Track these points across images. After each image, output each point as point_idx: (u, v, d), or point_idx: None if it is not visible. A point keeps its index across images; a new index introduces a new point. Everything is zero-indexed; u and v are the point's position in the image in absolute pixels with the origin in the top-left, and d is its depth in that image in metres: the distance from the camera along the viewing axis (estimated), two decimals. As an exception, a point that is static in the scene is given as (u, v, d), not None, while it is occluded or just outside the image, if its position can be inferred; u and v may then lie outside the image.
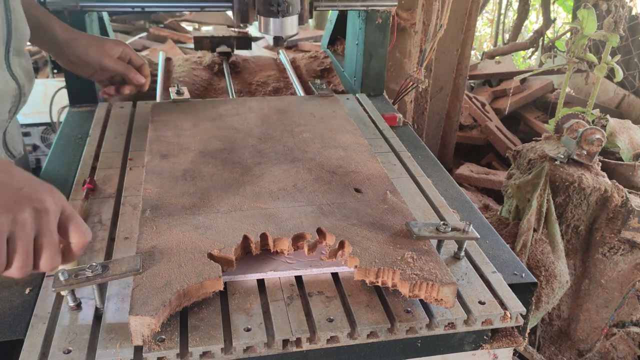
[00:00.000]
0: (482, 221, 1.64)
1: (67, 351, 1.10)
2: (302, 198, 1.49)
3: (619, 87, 4.88)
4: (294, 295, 1.25)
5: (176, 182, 1.55)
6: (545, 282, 2.51)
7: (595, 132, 2.48)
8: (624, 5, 3.31)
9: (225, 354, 1.12)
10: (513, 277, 1.41)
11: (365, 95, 2.44)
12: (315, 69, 3.02)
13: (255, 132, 1.87)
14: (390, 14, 2.43)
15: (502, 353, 1.38)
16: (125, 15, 5.62)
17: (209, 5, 2.29)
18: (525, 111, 5.21)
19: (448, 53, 4.06)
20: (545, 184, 2.56)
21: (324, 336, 1.16)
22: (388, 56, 2.54)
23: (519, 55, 6.81)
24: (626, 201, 2.54)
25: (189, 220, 1.37)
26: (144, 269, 1.18)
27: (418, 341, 1.28)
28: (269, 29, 1.98)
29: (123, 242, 1.42)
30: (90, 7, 2.17)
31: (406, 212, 1.45)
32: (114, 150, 1.88)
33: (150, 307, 1.09)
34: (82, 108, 2.27)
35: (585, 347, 2.83)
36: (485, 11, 7.86)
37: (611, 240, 2.60)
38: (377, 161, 1.72)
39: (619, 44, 3.41)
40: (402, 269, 1.21)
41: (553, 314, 2.86)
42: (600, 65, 3.30)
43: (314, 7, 2.20)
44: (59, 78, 2.81)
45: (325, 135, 1.86)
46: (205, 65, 2.96)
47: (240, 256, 1.31)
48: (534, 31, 5.71)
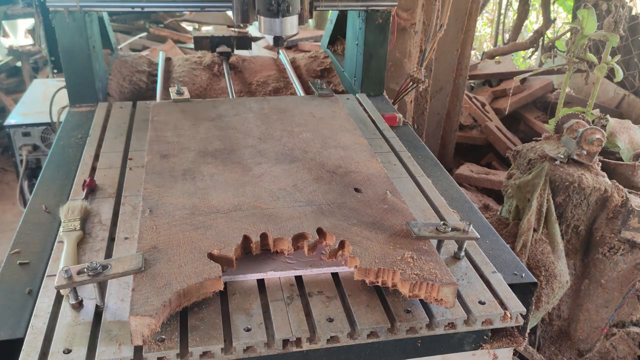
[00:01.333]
0: (482, 221, 1.64)
1: (67, 351, 1.10)
2: (302, 198, 1.49)
3: (619, 87, 4.88)
4: (294, 295, 1.25)
5: (176, 182, 1.55)
6: (545, 282, 2.51)
7: (595, 132, 2.48)
8: (624, 5, 3.31)
9: (225, 354, 1.12)
10: (513, 277, 1.41)
11: (365, 95, 2.44)
12: (315, 69, 3.02)
13: (255, 132, 1.87)
14: (390, 14, 2.43)
15: (502, 353, 1.38)
16: (125, 15, 5.62)
17: (209, 5, 2.30)
18: (525, 111, 5.21)
19: (448, 53, 4.06)
20: (545, 184, 2.56)
21: (324, 336, 1.16)
22: (388, 56, 2.54)
23: (519, 55, 6.81)
24: (626, 201, 2.54)
25: (189, 219, 1.37)
26: (144, 269, 1.19)
27: (418, 341, 1.28)
28: (268, 28, 1.98)
29: (123, 242, 1.42)
30: (90, 7, 2.17)
31: (406, 212, 1.45)
32: (114, 150, 1.88)
33: (150, 307, 1.09)
34: (82, 108, 2.27)
35: (585, 347, 2.83)
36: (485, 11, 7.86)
37: (611, 240, 2.59)
38: (377, 161, 1.72)
39: (619, 44, 3.42)
40: (402, 269, 1.21)
41: (553, 314, 2.86)
42: (600, 65, 3.29)
43: (314, 7, 2.20)
44: (59, 78, 2.80)
45: (325, 135, 1.86)
46: (205, 65, 2.96)
47: (240, 256, 1.31)
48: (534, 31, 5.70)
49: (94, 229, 1.47)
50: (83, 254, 1.38)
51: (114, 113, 2.17)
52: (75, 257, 1.36)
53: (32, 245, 1.45)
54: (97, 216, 1.53)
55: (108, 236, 1.45)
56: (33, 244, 1.46)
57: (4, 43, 5.36)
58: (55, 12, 2.12)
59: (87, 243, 1.42)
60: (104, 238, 1.44)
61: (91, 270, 1.15)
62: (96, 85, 2.28)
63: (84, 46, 2.20)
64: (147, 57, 3.11)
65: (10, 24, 5.56)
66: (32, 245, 1.45)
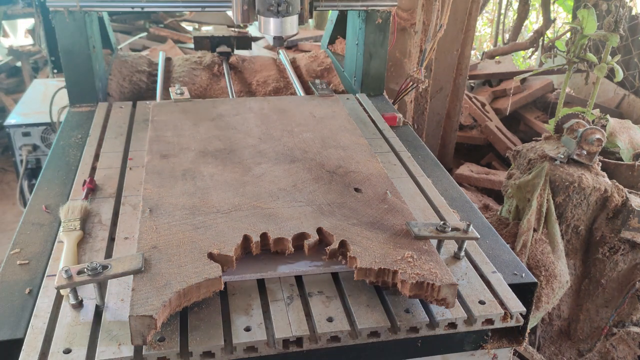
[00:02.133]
0: (482, 221, 1.64)
1: (67, 351, 1.10)
2: (302, 198, 1.49)
3: (619, 87, 4.88)
4: (294, 295, 1.25)
5: (176, 182, 1.55)
6: (545, 282, 2.51)
7: (595, 132, 2.48)
8: (624, 5, 3.31)
9: (225, 353, 1.12)
10: (513, 277, 1.41)
11: (365, 95, 2.44)
12: (315, 69, 3.02)
13: (255, 132, 1.87)
14: (390, 14, 2.43)
15: (502, 353, 1.38)
16: (125, 15, 5.62)
17: (209, 5, 2.30)
18: (525, 111, 5.21)
19: (448, 53, 4.06)
20: (545, 184, 2.56)
21: (324, 336, 1.16)
22: (388, 56, 2.54)
23: (519, 55, 6.81)
24: (626, 201, 2.54)
25: (189, 220, 1.37)
26: (145, 269, 1.19)
27: (418, 341, 1.27)
28: (269, 29, 1.98)
29: (123, 242, 1.42)
30: (90, 7, 2.17)
31: (406, 212, 1.45)
32: (114, 150, 1.88)
33: (151, 307, 1.08)
34: (82, 108, 2.27)
35: (585, 347, 2.83)
36: (485, 11, 7.86)
37: (611, 240, 2.59)
38: (377, 161, 1.72)
39: (619, 44, 3.41)
40: (402, 269, 1.21)
41: (553, 314, 2.86)
42: (600, 65, 3.29)
43: (314, 7, 2.20)
44: (59, 78, 2.80)
45: (325, 135, 1.86)
46: (205, 65, 2.96)
47: (240, 256, 1.31)
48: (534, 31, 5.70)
49: (94, 229, 1.47)
50: (83, 254, 1.38)
51: (114, 113, 2.17)
52: (75, 257, 1.36)
53: (32, 245, 1.45)
54: (97, 216, 1.53)
55: (108, 236, 1.45)
56: (33, 244, 1.46)
57: (4, 43, 5.36)
58: (55, 12, 2.13)
59: (87, 243, 1.42)
60: (104, 238, 1.44)
61: (91, 270, 1.15)
62: (96, 85, 2.28)
63: (84, 46, 2.20)
64: (147, 57, 3.11)
65: (10, 24, 5.56)
66: (32, 245, 1.45)
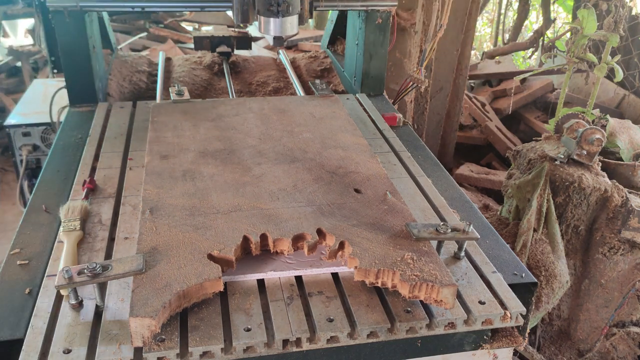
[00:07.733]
0: (482, 221, 1.64)
1: (67, 351, 1.10)
2: (302, 198, 1.49)
3: (619, 87, 4.87)
4: (294, 295, 1.25)
5: (176, 182, 1.55)
6: (545, 282, 2.50)
7: (595, 132, 2.48)
8: (624, 5, 3.30)
9: (225, 354, 1.12)
10: (513, 277, 1.41)
11: (365, 95, 2.44)
12: (315, 69, 3.02)
13: (255, 132, 1.87)
14: (390, 14, 2.43)
15: (502, 353, 1.38)
16: (125, 15, 5.62)
17: (209, 5, 2.30)
18: (525, 111, 5.21)
19: (448, 53, 4.06)
20: (545, 184, 2.56)
21: (324, 336, 1.16)
22: (388, 56, 2.54)
23: (519, 55, 6.81)
24: (626, 201, 2.54)
25: (189, 220, 1.37)
26: (144, 270, 1.18)
27: (418, 341, 1.28)
28: (269, 29, 1.98)
29: (123, 242, 1.42)
30: (90, 7, 2.17)
31: (406, 213, 1.45)
32: (114, 150, 1.88)
33: (150, 308, 1.09)
34: (82, 108, 2.27)
35: (585, 347, 2.83)
36: (485, 11, 7.86)
37: (611, 240, 2.59)
38: (377, 161, 1.72)
39: (619, 44, 3.41)
40: (402, 270, 1.21)
41: (553, 314, 2.86)
42: (600, 65, 3.29)
43: (314, 7, 2.20)
44: (59, 78, 2.80)
45: (325, 135, 1.86)
46: (205, 65, 2.96)
47: (240, 256, 1.31)
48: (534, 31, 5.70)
49: (94, 229, 1.47)
50: (83, 254, 1.38)
51: (114, 113, 2.17)
52: (75, 257, 1.36)
53: (32, 245, 1.45)
54: (97, 216, 1.53)
55: (108, 236, 1.45)
56: (33, 244, 1.46)
57: (4, 43, 5.36)
58: (55, 12, 2.12)
59: (87, 243, 1.42)
60: (104, 238, 1.44)
61: (91, 270, 1.15)
62: (96, 85, 2.28)
63: (84, 46, 2.20)
64: (147, 57, 3.11)
65: (10, 24, 5.56)
66: (32, 245, 1.45)
